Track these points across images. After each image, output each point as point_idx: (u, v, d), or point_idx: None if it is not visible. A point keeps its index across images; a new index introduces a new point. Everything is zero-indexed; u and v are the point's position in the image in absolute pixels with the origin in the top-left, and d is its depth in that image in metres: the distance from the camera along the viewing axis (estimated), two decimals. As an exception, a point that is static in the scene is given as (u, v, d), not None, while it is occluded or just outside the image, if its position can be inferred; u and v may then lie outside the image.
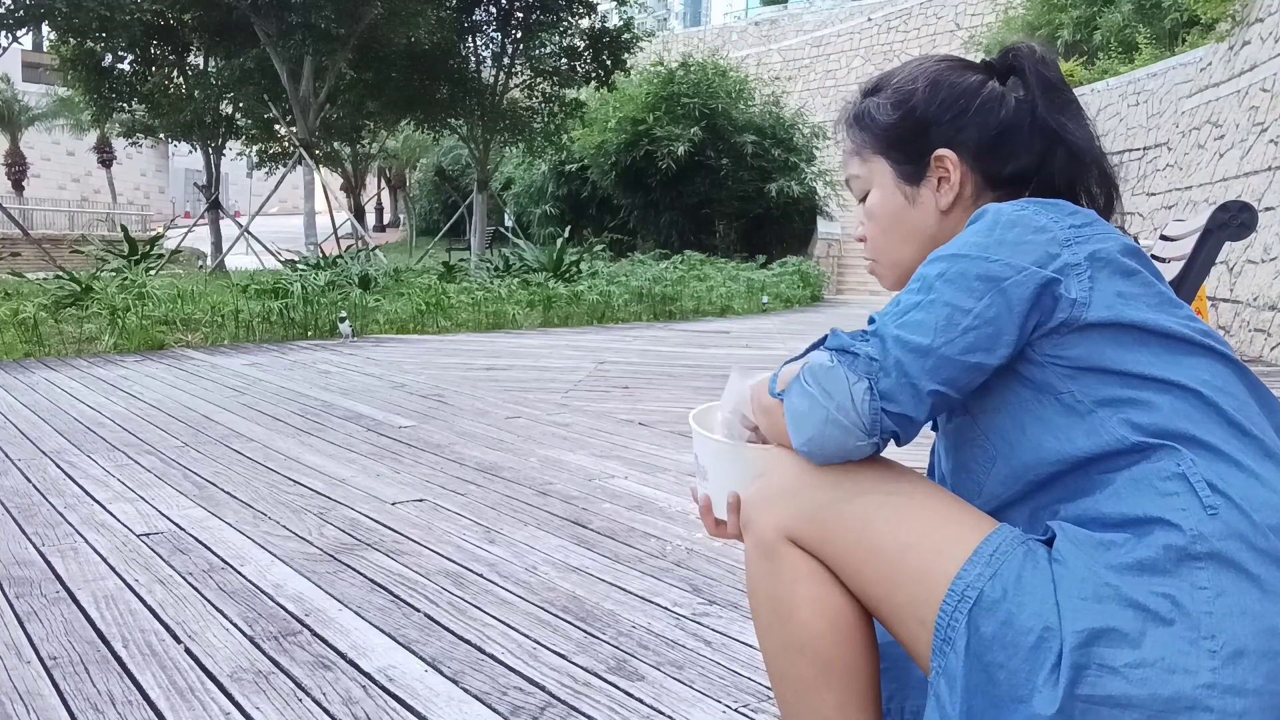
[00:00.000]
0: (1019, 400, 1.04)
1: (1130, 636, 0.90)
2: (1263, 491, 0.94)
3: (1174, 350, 1.00)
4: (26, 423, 4.51)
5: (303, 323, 8.86)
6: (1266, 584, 0.91)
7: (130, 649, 1.99)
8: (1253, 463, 0.96)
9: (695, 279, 14.17)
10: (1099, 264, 1.02)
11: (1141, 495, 0.96)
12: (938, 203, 1.17)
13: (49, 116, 37.33)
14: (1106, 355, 1.00)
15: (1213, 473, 0.95)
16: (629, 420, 4.63)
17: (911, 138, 1.17)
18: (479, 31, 21.97)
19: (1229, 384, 1.00)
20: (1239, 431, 0.97)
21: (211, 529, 2.86)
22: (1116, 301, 1.01)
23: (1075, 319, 1.01)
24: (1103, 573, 0.93)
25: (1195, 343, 1.01)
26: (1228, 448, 0.96)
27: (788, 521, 1.07)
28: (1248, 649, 0.89)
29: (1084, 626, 0.91)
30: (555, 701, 1.77)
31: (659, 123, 21.24)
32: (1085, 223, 1.05)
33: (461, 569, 2.50)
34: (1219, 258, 6.08)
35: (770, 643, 1.11)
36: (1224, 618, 0.90)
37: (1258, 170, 8.60)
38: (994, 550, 0.99)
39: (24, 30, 19.19)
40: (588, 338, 9.06)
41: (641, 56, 22.43)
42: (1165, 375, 0.99)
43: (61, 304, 8.76)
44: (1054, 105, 1.15)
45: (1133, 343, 1.00)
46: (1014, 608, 0.95)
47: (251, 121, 22.66)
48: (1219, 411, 0.98)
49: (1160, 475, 0.96)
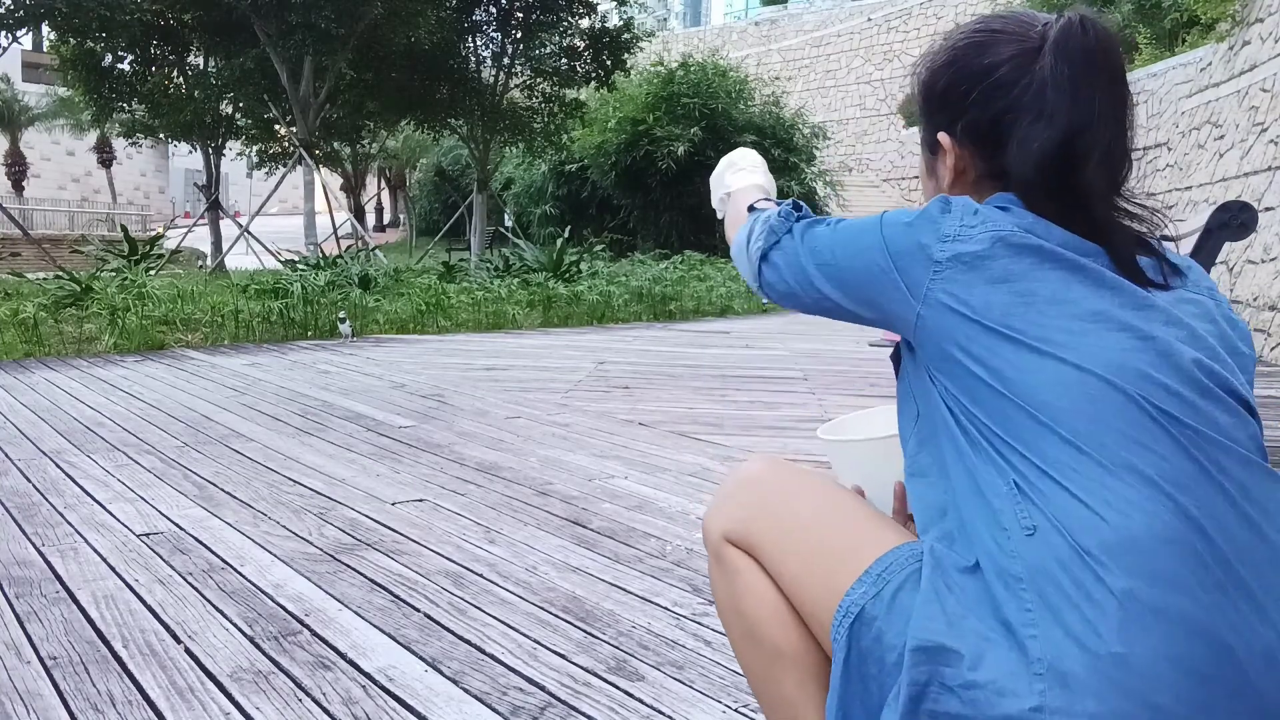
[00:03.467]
0: (914, 370, 1.10)
1: (967, 658, 0.92)
2: (1084, 513, 0.92)
3: (1018, 364, 0.98)
4: (26, 423, 4.51)
5: (303, 323, 8.86)
6: (1089, 604, 0.90)
7: (130, 649, 1.99)
8: (1081, 482, 0.94)
9: (695, 279, 14.16)
10: (962, 266, 1.02)
11: (979, 507, 0.98)
12: (943, 179, 1.18)
13: (49, 116, 37.34)
14: (959, 363, 1.01)
15: (1038, 492, 0.94)
16: (629, 420, 4.63)
17: (926, 113, 1.19)
18: (479, 31, 21.97)
19: (1074, 398, 0.96)
20: (1073, 450, 0.95)
21: (211, 529, 2.86)
22: (959, 311, 1.01)
23: (910, 310, 1.04)
24: (952, 597, 0.96)
25: (1035, 350, 0.98)
26: (1055, 467, 0.94)
27: (725, 525, 1.20)
28: (1073, 671, 0.88)
29: (921, 644, 0.94)
30: (555, 701, 1.77)
31: (659, 123, 21.25)
32: (978, 223, 1.03)
33: (461, 569, 2.50)
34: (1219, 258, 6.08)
35: (732, 636, 1.21)
36: (1047, 641, 0.90)
37: (1258, 170, 8.60)
38: (883, 570, 1.05)
39: (24, 30, 19.20)
40: (588, 338, 9.05)
41: (641, 56, 22.42)
42: (1001, 389, 0.98)
43: (61, 304, 8.76)
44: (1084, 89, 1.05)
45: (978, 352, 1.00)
46: (884, 625, 1.01)
47: (251, 121, 22.65)
48: (1052, 430, 0.96)
49: (994, 491, 0.97)
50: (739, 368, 6.73)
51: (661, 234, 21.77)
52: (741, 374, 6.39)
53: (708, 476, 3.52)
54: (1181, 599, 0.90)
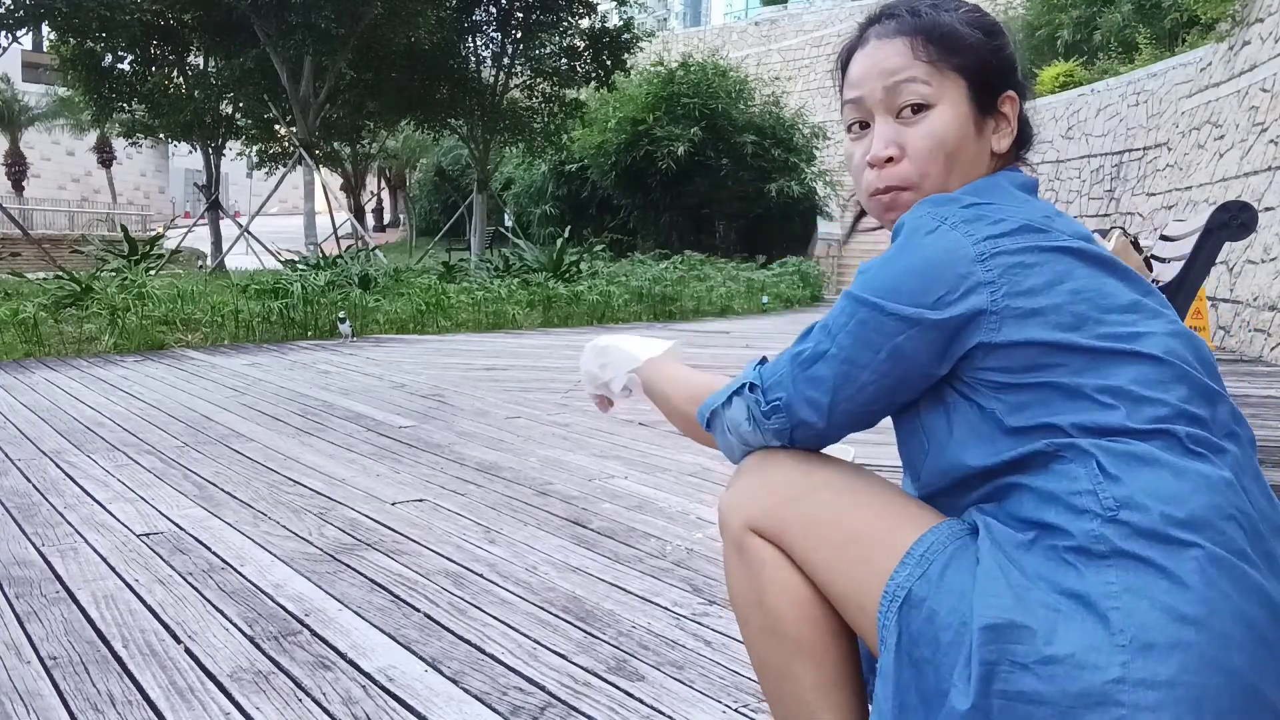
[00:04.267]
0: (950, 402, 1.07)
1: (1040, 633, 0.91)
2: (1172, 483, 0.95)
3: (1092, 361, 1.00)
4: (26, 423, 4.51)
5: (303, 323, 8.86)
6: (1174, 574, 0.91)
7: (130, 649, 1.99)
8: (1165, 458, 0.96)
9: (695, 279, 14.17)
10: (1014, 276, 1.01)
11: (1053, 497, 0.98)
12: (995, 144, 1.16)
13: (49, 116, 37.33)
14: (1024, 370, 1.01)
15: (1120, 471, 0.96)
16: (629, 420, 4.63)
17: (998, 71, 1.16)
18: (479, 31, 21.97)
19: (1150, 385, 0.99)
20: (1155, 430, 0.98)
21: (211, 529, 2.86)
22: (1029, 320, 1.00)
23: (989, 341, 1.02)
24: (1016, 571, 0.95)
25: (1113, 351, 1.00)
26: (1139, 447, 0.97)
27: (752, 515, 1.13)
28: (1157, 642, 0.89)
29: (990, 622, 0.93)
30: (555, 701, 1.77)
31: (659, 123, 21.24)
32: (1008, 230, 1.03)
33: (461, 569, 2.50)
34: (1219, 258, 6.08)
35: (748, 631, 1.16)
36: (1131, 612, 0.90)
37: (1258, 170, 8.60)
38: (925, 550, 1.02)
39: (24, 30, 19.18)
40: (588, 338, 9.05)
41: (641, 56, 22.42)
42: (1080, 384, 0.99)
43: (61, 304, 8.75)
44: None
45: (1049, 357, 1.00)
46: (935, 605, 0.98)
47: (251, 121, 22.65)
48: (1135, 413, 0.98)
49: (1069, 476, 0.97)
50: (739, 368, 6.71)
51: (661, 234, 21.77)
52: (741, 374, 6.37)
53: (708, 476, 3.52)
54: (1248, 565, 0.93)
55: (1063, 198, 15.53)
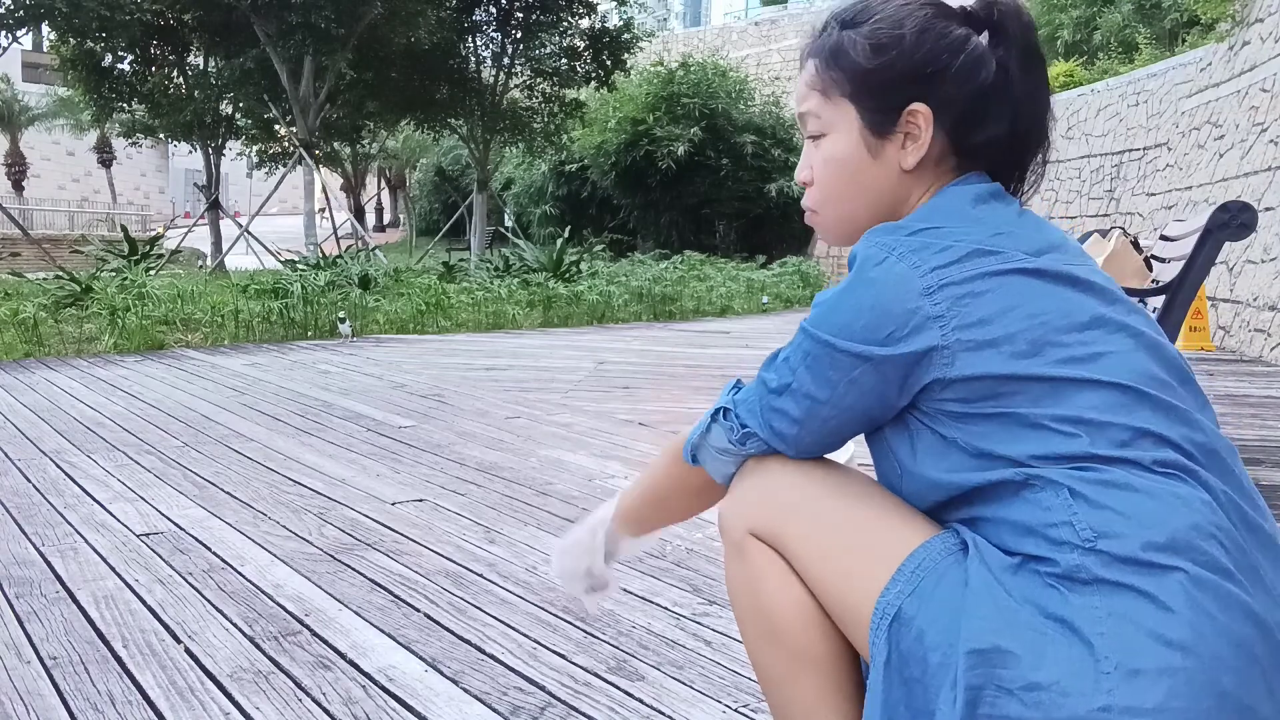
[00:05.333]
0: (914, 430, 1.06)
1: (1026, 659, 0.90)
2: (1148, 507, 0.93)
3: (1051, 389, 0.98)
4: (26, 423, 4.51)
5: (303, 323, 8.86)
6: (1158, 599, 0.90)
7: (130, 649, 1.99)
8: (1138, 482, 0.95)
9: (695, 279, 14.17)
10: (963, 308, 0.99)
11: (1030, 530, 0.96)
12: (902, 161, 1.12)
13: (49, 116, 37.34)
14: (983, 400, 0.99)
15: (1093, 499, 0.94)
16: (629, 420, 4.63)
17: (890, 87, 1.10)
18: (479, 31, 21.99)
19: (1112, 410, 0.97)
20: (1123, 456, 0.96)
21: (211, 529, 2.86)
22: (983, 352, 0.98)
23: (943, 376, 1.00)
24: (1003, 593, 0.94)
25: (1071, 380, 0.98)
26: (1109, 473, 0.95)
27: (752, 520, 1.13)
28: (1143, 668, 0.88)
29: (976, 646, 0.92)
30: (555, 701, 1.77)
31: (659, 123, 21.27)
32: (956, 258, 1.00)
33: (461, 569, 2.50)
34: (1219, 258, 6.08)
35: (749, 636, 1.15)
36: (1117, 638, 0.89)
37: (1258, 170, 8.60)
38: (916, 566, 1.01)
39: (24, 30, 19.20)
40: (588, 338, 9.05)
41: (641, 57, 22.43)
42: (1040, 413, 0.98)
43: (61, 304, 8.76)
44: (1031, 74, 1.10)
45: (1006, 387, 0.99)
46: (924, 624, 0.97)
47: (251, 121, 22.67)
48: (1100, 439, 0.96)
49: (1042, 506, 0.96)
50: (739, 368, 6.73)
51: (661, 234, 21.78)
52: (742, 374, 6.38)
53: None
54: (1231, 584, 0.92)
55: (1063, 198, 15.53)
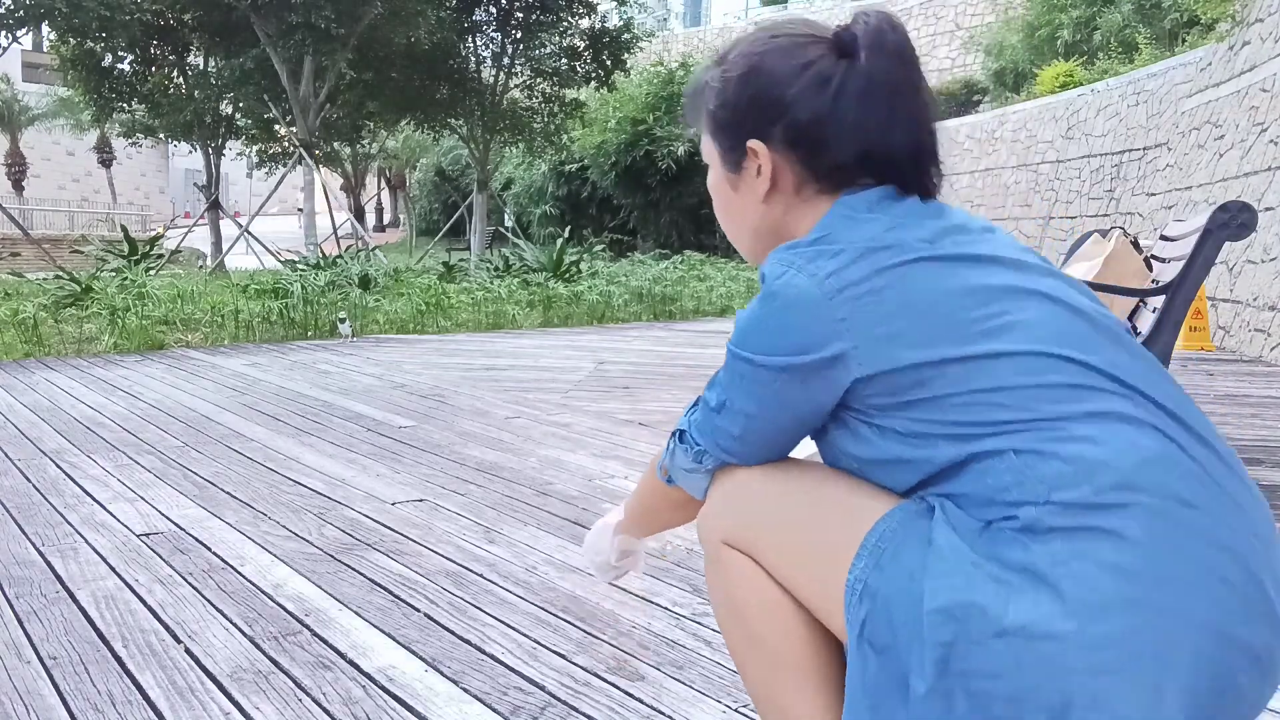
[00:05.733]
0: (852, 426, 1.07)
1: (991, 609, 0.91)
2: (1095, 452, 0.95)
3: (969, 368, 0.99)
4: (26, 423, 4.51)
5: (303, 323, 8.86)
6: (1118, 534, 0.91)
7: (130, 649, 1.99)
8: (1079, 432, 0.96)
9: (695, 279, 14.16)
10: (866, 307, 1.01)
11: (989, 501, 0.97)
12: (756, 191, 1.16)
13: (49, 116, 37.32)
14: (908, 389, 1.01)
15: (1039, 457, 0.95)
16: (629, 420, 4.63)
17: (729, 125, 1.16)
18: (479, 31, 21.99)
19: (1035, 372, 0.99)
20: (1057, 414, 0.97)
21: (211, 529, 2.86)
22: (893, 346, 1.00)
23: (862, 375, 1.02)
24: (966, 549, 0.95)
25: (987, 355, 0.99)
26: (1048, 431, 0.96)
27: (725, 531, 1.16)
28: (1109, 602, 0.89)
29: (940, 605, 0.93)
30: (555, 701, 1.77)
31: (659, 123, 21.28)
32: (850, 259, 1.02)
33: (461, 569, 2.50)
34: (1219, 257, 6.08)
35: (731, 642, 1.18)
36: (1080, 577, 0.90)
37: (1258, 170, 8.60)
38: (877, 539, 1.02)
39: (24, 30, 19.20)
40: (588, 338, 9.05)
41: (641, 56, 22.45)
42: (966, 389, 0.99)
43: (61, 304, 8.76)
44: (877, 96, 1.10)
45: (924, 373, 1.00)
46: (890, 593, 0.98)
47: (251, 121, 22.67)
48: (1031, 403, 0.98)
49: (992, 475, 0.97)
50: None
51: (661, 234, 21.79)
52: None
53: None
54: (1191, 511, 0.93)
55: (1063, 198, 15.54)
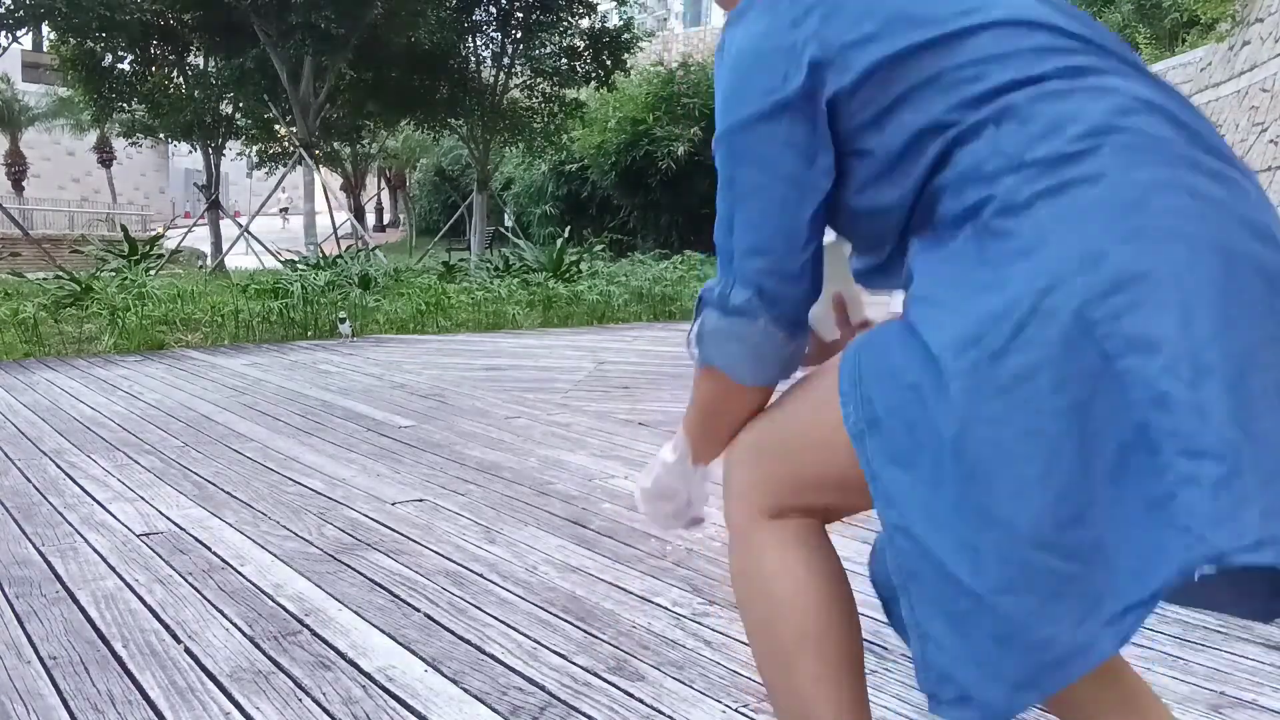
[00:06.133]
0: (847, 167, 1.05)
1: (999, 310, 0.90)
2: (1061, 107, 0.95)
3: (942, 49, 0.99)
4: (26, 423, 4.51)
5: (303, 323, 8.85)
6: (1094, 177, 0.91)
7: (130, 649, 1.99)
8: (1048, 89, 0.96)
9: (695, 279, 14.14)
10: (833, 20, 1.00)
11: (967, 179, 0.97)
12: None
13: (49, 116, 37.30)
14: (883, 88, 0.99)
15: (1011, 123, 0.95)
16: (629, 420, 4.63)
17: None
18: (479, 31, 21.98)
19: (1010, 39, 0.98)
20: (1029, 78, 0.97)
21: (211, 529, 2.86)
22: (866, 47, 0.99)
23: (841, 84, 1.00)
24: (949, 290, 0.95)
25: (959, 31, 0.99)
26: (1018, 95, 0.96)
27: (752, 499, 1.14)
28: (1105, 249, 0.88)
29: (947, 341, 0.93)
30: (555, 701, 1.77)
31: (659, 123, 21.28)
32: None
33: (461, 569, 2.50)
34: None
35: (749, 621, 1.16)
36: (1070, 227, 0.90)
37: (1258, 170, 8.61)
38: (849, 378, 1.02)
39: (24, 30, 19.22)
40: (588, 338, 9.05)
41: (641, 56, 22.45)
42: (940, 71, 0.98)
43: (61, 304, 8.75)
44: None
45: (900, 67, 0.99)
46: (889, 397, 0.97)
47: (251, 121, 22.65)
48: (1004, 70, 0.97)
49: (970, 153, 0.97)
50: (739, 368, 6.72)
51: (661, 234, 21.79)
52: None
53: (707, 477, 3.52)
54: (1168, 135, 0.94)
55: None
